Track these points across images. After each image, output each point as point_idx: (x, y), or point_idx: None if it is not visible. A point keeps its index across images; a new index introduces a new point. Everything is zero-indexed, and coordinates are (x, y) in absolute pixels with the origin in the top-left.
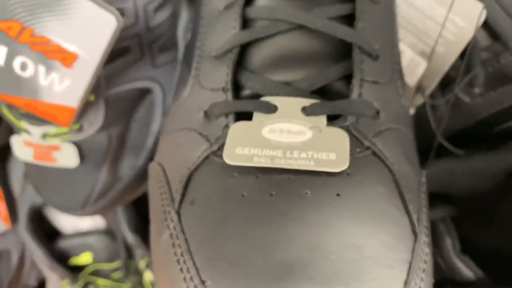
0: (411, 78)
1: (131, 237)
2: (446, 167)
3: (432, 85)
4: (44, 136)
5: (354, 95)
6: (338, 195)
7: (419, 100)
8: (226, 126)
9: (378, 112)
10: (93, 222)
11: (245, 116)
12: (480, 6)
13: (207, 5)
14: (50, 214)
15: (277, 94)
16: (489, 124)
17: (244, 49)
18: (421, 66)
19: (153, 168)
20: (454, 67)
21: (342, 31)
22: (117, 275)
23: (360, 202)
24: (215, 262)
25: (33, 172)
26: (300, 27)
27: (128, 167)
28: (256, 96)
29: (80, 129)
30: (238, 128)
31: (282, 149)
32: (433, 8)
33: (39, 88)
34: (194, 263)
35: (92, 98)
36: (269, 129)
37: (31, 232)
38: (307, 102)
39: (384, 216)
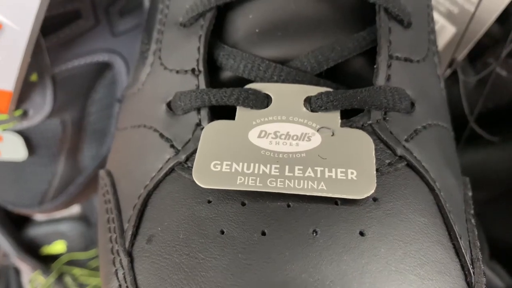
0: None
1: None
2: (478, 157)
3: (461, 55)
4: None
5: (380, 79)
6: (361, 234)
7: (445, 74)
8: (198, 126)
9: (412, 104)
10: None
11: (224, 111)
12: None
13: None
14: None
15: (270, 78)
16: None
17: (222, 13)
18: (448, 31)
19: (101, 179)
20: (489, 33)
21: None
22: (95, 263)
23: (394, 244)
24: None
25: None
26: None
27: (89, 157)
28: (239, 82)
29: (24, 116)
30: (214, 131)
31: (278, 164)
32: None
33: None
34: None
35: (34, 77)
36: (258, 132)
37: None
38: (313, 90)
39: (428, 264)
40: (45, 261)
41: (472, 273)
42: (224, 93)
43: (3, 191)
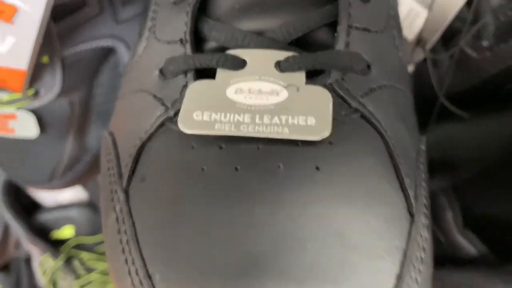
0: (410, 30)
1: None
2: (448, 131)
3: (433, 38)
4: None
5: (340, 45)
6: (317, 169)
7: (419, 55)
8: (185, 87)
9: (369, 66)
10: (74, 194)
11: (208, 74)
12: None
13: None
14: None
15: (247, 46)
16: (498, 83)
17: None
18: (422, 16)
19: (104, 139)
20: (459, 17)
21: None
22: (102, 248)
23: (345, 177)
24: (165, 252)
25: None
26: None
27: (95, 137)
28: (221, 50)
29: (36, 95)
30: (197, 88)
31: (250, 113)
32: None
33: None
34: (140, 253)
35: (46, 59)
36: (235, 89)
37: (8, 206)
38: (283, 55)
39: (374, 194)
40: (55, 246)
41: (413, 204)
42: (207, 58)
43: (16, 168)
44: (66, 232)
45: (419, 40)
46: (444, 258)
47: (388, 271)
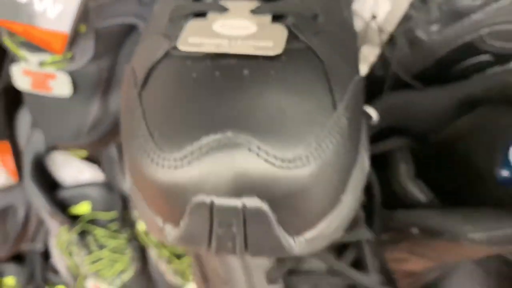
0: (375, 21)
1: (126, 183)
2: (401, 99)
3: (392, 26)
4: (41, 64)
5: None
6: (272, 73)
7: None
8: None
9: (316, 16)
10: (92, 175)
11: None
12: None
13: None
14: (52, 167)
15: None
16: (447, 63)
17: None
18: (385, 8)
19: (126, 69)
20: (413, 5)
21: None
22: (114, 226)
23: (290, 79)
24: (162, 117)
25: (32, 103)
26: None
27: (116, 102)
28: (214, 1)
29: (72, 58)
30: (192, 24)
31: (228, 39)
32: None
33: (34, 13)
34: (146, 124)
35: (83, 29)
36: (220, 25)
37: (34, 180)
38: (255, 4)
39: (310, 92)
40: (72, 220)
41: (337, 102)
42: (201, 5)
43: (50, 126)
44: (83, 207)
45: (381, 29)
46: (398, 204)
47: (313, 132)
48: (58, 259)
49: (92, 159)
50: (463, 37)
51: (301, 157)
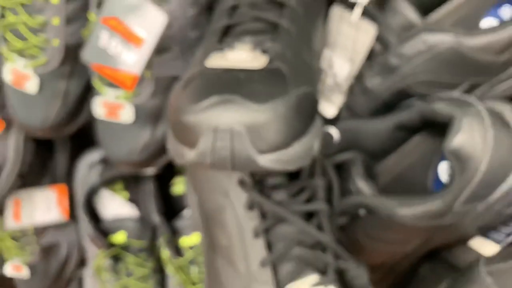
0: (335, 79)
1: (157, 218)
2: (352, 125)
3: (351, 79)
4: (116, 97)
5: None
6: (255, 76)
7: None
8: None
9: (285, 53)
10: (130, 211)
11: None
12: None
13: None
14: (99, 203)
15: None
16: (390, 103)
17: None
18: (345, 68)
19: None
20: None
21: None
22: (143, 256)
23: (264, 78)
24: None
25: (102, 128)
26: None
27: (162, 131)
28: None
29: (137, 95)
30: (214, 55)
31: (234, 61)
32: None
33: (120, 60)
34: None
35: (148, 74)
36: (230, 54)
37: (85, 210)
38: (249, 46)
39: (274, 83)
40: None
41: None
42: (222, 45)
43: (113, 146)
44: (119, 236)
45: (344, 83)
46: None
47: (274, 96)
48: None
49: (132, 199)
50: (396, 86)
51: (267, 106)
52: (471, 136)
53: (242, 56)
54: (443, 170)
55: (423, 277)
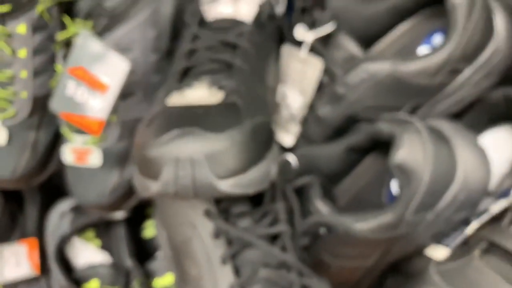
0: (288, 109)
1: (129, 261)
2: (308, 151)
3: (305, 110)
4: (85, 143)
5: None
6: (212, 110)
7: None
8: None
9: (240, 90)
10: (103, 258)
11: None
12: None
13: None
14: (70, 255)
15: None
16: (342, 129)
17: None
18: (298, 101)
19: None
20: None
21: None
22: None
23: (221, 111)
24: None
25: (71, 174)
26: None
27: (130, 172)
28: None
29: (105, 139)
30: (174, 95)
31: (192, 99)
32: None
33: (87, 107)
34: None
35: (114, 118)
36: (189, 93)
37: (57, 260)
38: (207, 84)
39: (229, 114)
40: None
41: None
42: (181, 86)
43: (83, 190)
44: (93, 284)
45: (297, 114)
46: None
47: (229, 127)
48: None
49: (104, 246)
50: (344, 113)
51: (224, 135)
52: (412, 151)
53: (200, 93)
54: (395, 186)
55: None
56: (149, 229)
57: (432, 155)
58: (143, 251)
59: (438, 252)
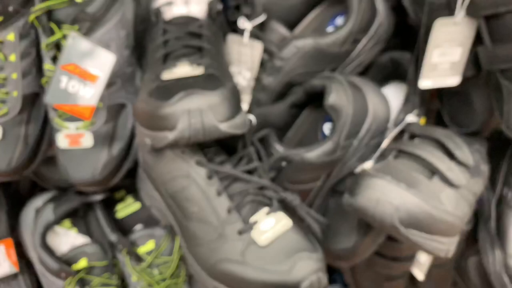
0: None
1: (113, 236)
2: (263, 111)
3: (253, 81)
4: (77, 128)
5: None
6: (199, 79)
7: None
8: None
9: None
10: (84, 241)
11: None
12: None
13: None
14: (52, 244)
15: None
16: (282, 94)
17: None
18: (248, 75)
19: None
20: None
21: None
22: (106, 275)
23: (205, 79)
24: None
25: (65, 157)
26: None
27: (117, 149)
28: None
29: (94, 123)
30: (165, 72)
31: (180, 74)
32: None
33: (79, 97)
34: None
35: (100, 105)
36: (177, 69)
37: (44, 247)
38: (190, 63)
39: (212, 81)
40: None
41: None
42: (167, 66)
43: (77, 170)
44: (81, 263)
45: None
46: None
47: (218, 88)
48: None
49: (81, 233)
50: (283, 80)
51: (217, 92)
52: (338, 95)
53: (185, 70)
54: (326, 129)
55: (332, 209)
56: (121, 211)
57: (352, 97)
58: (120, 230)
59: (365, 165)
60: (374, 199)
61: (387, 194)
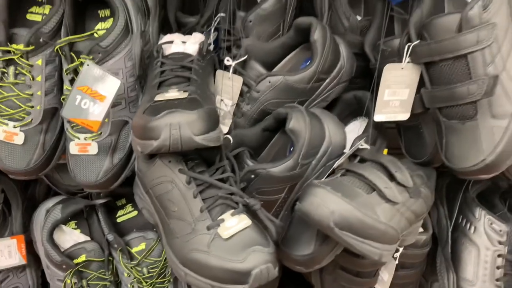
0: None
1: (110, 236)
2: (238, 133)
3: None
4: (86, 138)
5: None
6: (183, 101)
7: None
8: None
9: (198, 93)
10: (85, 238)
11: None
12: None
13: None
14: (58, 241)
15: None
16: (257, 119)
17: None
18: (230, 103)
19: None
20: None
21: None
22: (102, 271)
23: (189, 102)
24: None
25: (74, 161)
26: None
27: (117, 158)
28: None
29: (99, 135)
30: (159, 95)
31: (170, 96)
32: None
33: (89, 113)
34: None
35: (106, 120)
36: (167, 93)
37: (50, 242)
38: (177, 90)
39: (194, 104)
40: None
41: None
42: (160, 91)
43: (83, 173)
44: (81, 258)
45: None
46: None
47: (197, 108)
48: None
49: (85, 233)
50: (259, 108)
51: (195, 112)
52: (297, 121)
53: (173, 94)
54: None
55: (294, 219)
56: (121, 217)
57: (309, 124)
58: (118, 233)
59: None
60: (315, 204)
61: (325, 200)
